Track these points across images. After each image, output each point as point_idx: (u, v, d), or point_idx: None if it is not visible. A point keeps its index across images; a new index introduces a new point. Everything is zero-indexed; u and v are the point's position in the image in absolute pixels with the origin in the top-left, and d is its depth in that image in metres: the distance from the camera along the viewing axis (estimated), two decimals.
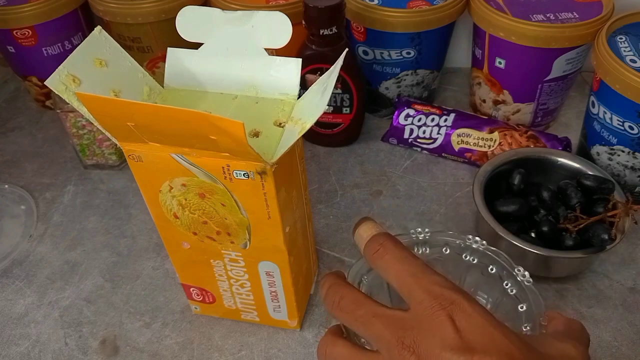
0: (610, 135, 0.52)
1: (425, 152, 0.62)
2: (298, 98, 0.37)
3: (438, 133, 0.60)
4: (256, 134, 0.35)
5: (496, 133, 0.58)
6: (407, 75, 0.63)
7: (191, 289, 0.45)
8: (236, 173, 0.33)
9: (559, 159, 0.53)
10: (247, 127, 0.29)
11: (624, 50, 0.50)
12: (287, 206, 0.37)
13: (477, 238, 0.42)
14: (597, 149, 0.54)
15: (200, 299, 0.46)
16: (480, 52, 0.60)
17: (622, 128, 0.50)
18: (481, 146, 0.58)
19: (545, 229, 0.47)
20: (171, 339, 0.46)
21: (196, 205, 0.36)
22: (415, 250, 0.43)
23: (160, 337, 0.47)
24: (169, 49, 0.38)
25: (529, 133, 0.58)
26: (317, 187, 0.59)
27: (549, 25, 0.53)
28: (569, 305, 0.48)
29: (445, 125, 0.60)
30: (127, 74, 0.37)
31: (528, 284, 0.40)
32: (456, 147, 0.60)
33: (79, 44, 0.35)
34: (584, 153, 0.56)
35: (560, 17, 0.55)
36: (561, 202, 0.49)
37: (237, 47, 0.37)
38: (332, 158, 0.63)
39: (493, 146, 0.58)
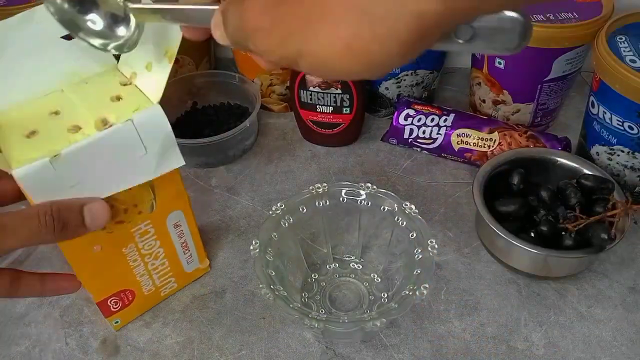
0: (610, 135, 0.52)
1: (425, 152, 0.62)
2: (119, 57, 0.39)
3: (438, 133, 0.60)
4: (118, 98, 0.36)
5: (496, 133, 0.58)
6: (407, 75, 0.63)
7: (108, 302, 0.44)
8: None
9: (559, 159, 0.53)
10: (101, 110, 0.31)
11: (624, 51, 0.50)
12: None
13: (368, 184, 0.47)
14: (597, 149, 0.54)
15: (119, 306, 0.45)
16: None
17: (622, 128, 0.50)
18: (481, 146, 0.58)
19: (544, 228, 0.47)
20: (171, 338, 0.47)
21: None
22: (316, 203, 0.48)
23: (161, 337, 0.47)
24: None
25: (529, 133, 0.58)
26: None
27: (548, 26, 0.53)
28: (569, 305, 0.48)
29: (445, 126, 0.60)
30: None
31: (414, 214, 0.45)
32: (456, 147, 0.60)
33: None
34: (583, 153, 0.57)
35: (560, 17, 0.55)
36: (561, 202, 0.49)
37: (36, 46, 0.37)
38: (332, 158, 0.63)
39: (493, 146, 0.58)
